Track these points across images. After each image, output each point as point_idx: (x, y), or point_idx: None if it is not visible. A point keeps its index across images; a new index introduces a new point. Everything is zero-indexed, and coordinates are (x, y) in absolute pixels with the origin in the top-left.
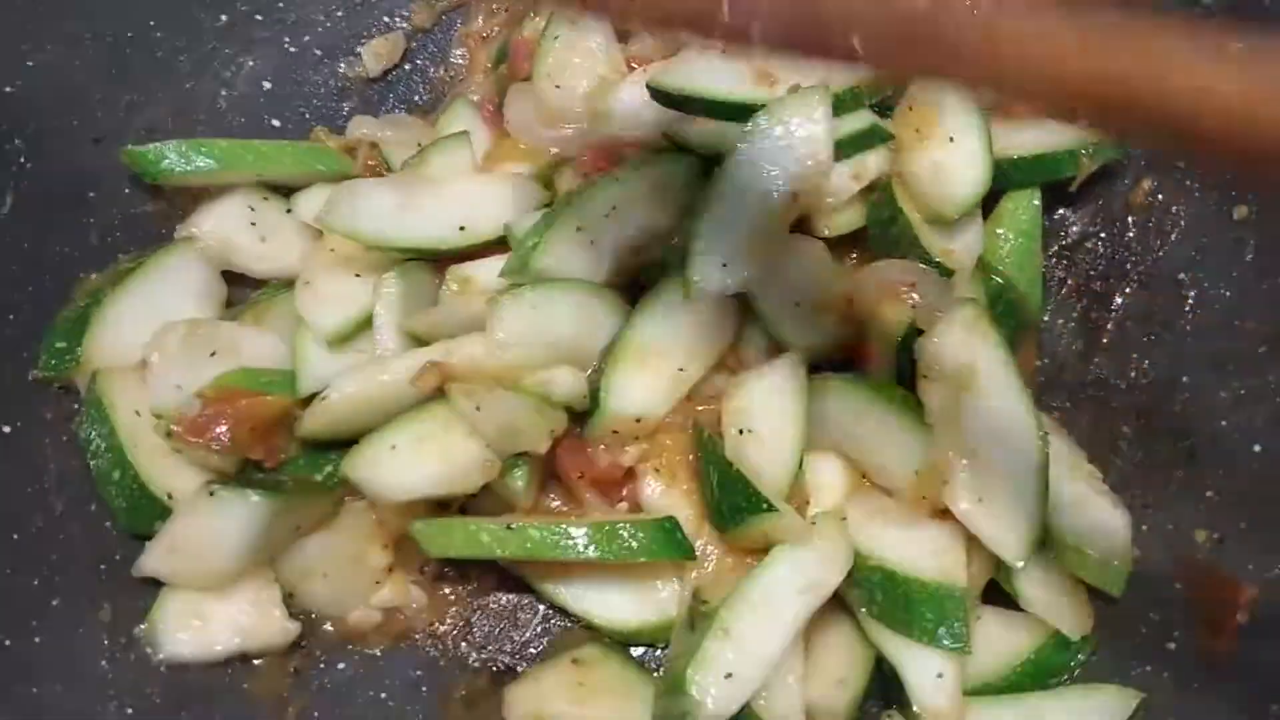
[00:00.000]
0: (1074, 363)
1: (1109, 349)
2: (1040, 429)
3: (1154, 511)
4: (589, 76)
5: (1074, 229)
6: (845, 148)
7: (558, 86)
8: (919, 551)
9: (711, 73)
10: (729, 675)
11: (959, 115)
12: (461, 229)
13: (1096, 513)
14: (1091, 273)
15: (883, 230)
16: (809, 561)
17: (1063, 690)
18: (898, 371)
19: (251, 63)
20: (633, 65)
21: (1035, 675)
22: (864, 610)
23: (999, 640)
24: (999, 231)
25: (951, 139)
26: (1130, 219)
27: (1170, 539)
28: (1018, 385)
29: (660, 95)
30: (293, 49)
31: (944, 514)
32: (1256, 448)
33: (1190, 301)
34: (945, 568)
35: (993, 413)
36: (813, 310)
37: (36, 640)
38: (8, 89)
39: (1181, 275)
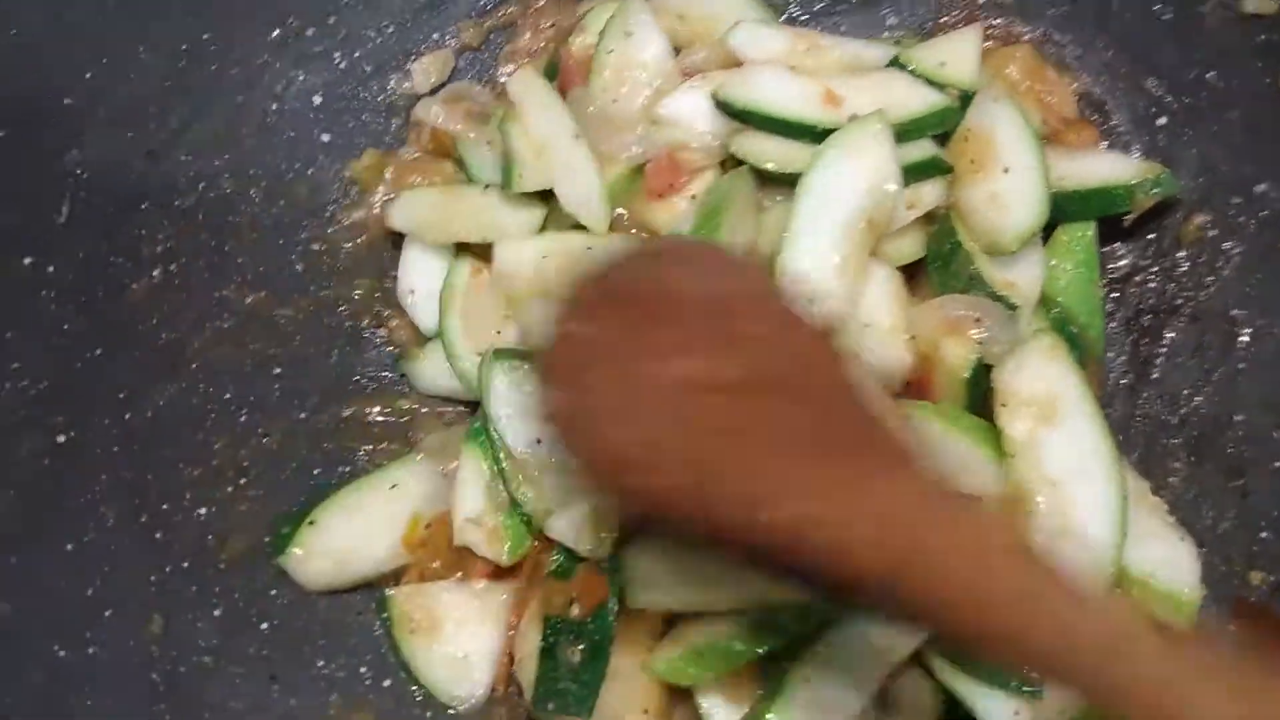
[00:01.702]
0: (1123, 397)
1: (1159, 384)
2: (1119, 460)
3: (1207, 552)
4: (646, 89)
5: (1124, 262)
6: (904, 176)
7: (614, 100)
8: None
9: (780, 89)
10: None
11: (1017, 145)
12: None
13: (1164, 544)
14: (1141, 307)
15: (944, 263)
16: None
17: None
18: (967, 403)
19: (302, 77)
20: (686, 75)
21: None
22: (935, 652)
23: None
24: (1055, 263)
25: (1007, 170)
26: (1180, 254)
27: (1224, 579)
28: (1098, 415)
29: (725, 107)
30: (343, 65)
31: None
32: None
33: (1243, 339)
34: None
35: (1074, 443)
36: (885, 336)
37: (90, 651)
38: (67, 100)
39: (1234, 312)
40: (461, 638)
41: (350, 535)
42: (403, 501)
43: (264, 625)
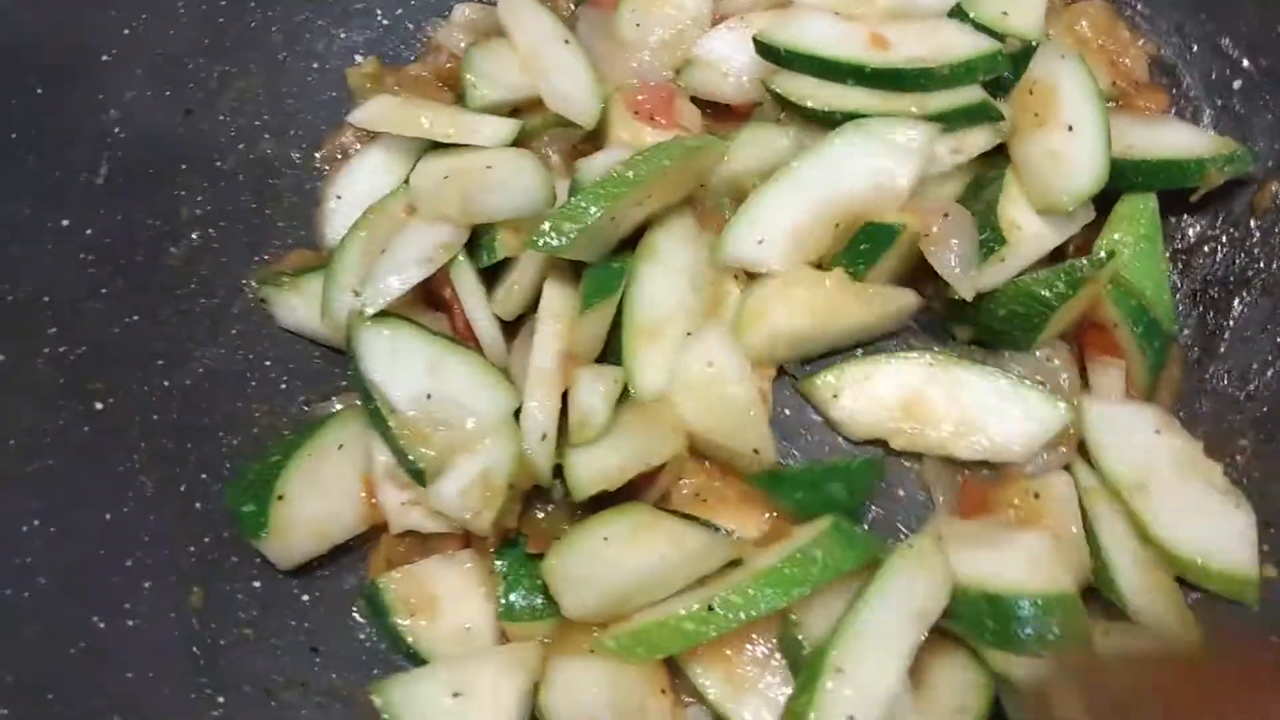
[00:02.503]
0: (1190, 371)
1: (1227, 358)
2: None
3: (1275, 531)
4: (672, 25)
5: (1191, 231)
6: (950, 120)
7: (637, 24)
8: (1016, 566)
9: (824, 31)
10: (850, 718)
11: (1081, 104)
12: None
13: (1216, 515)
14: (1210, 278)
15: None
16: (914, 588)
17: None
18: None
19: (344, 35)
20: (721, 19)
21: None
22: (980, 640)
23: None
24: (1118, 236)
25: (1071, 128)
26: (1254, 223)
27: None
28: None
29: (765, 49)
30: (385, 21)
31: (1027, 521)
32: None
33: None
34: (1048, 576)
35: None
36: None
37: (129, 624)
38: (104, 58)
39: None
40: (462, 609)
41: (319, 504)
42: (354, 462)
43: (305, 597)
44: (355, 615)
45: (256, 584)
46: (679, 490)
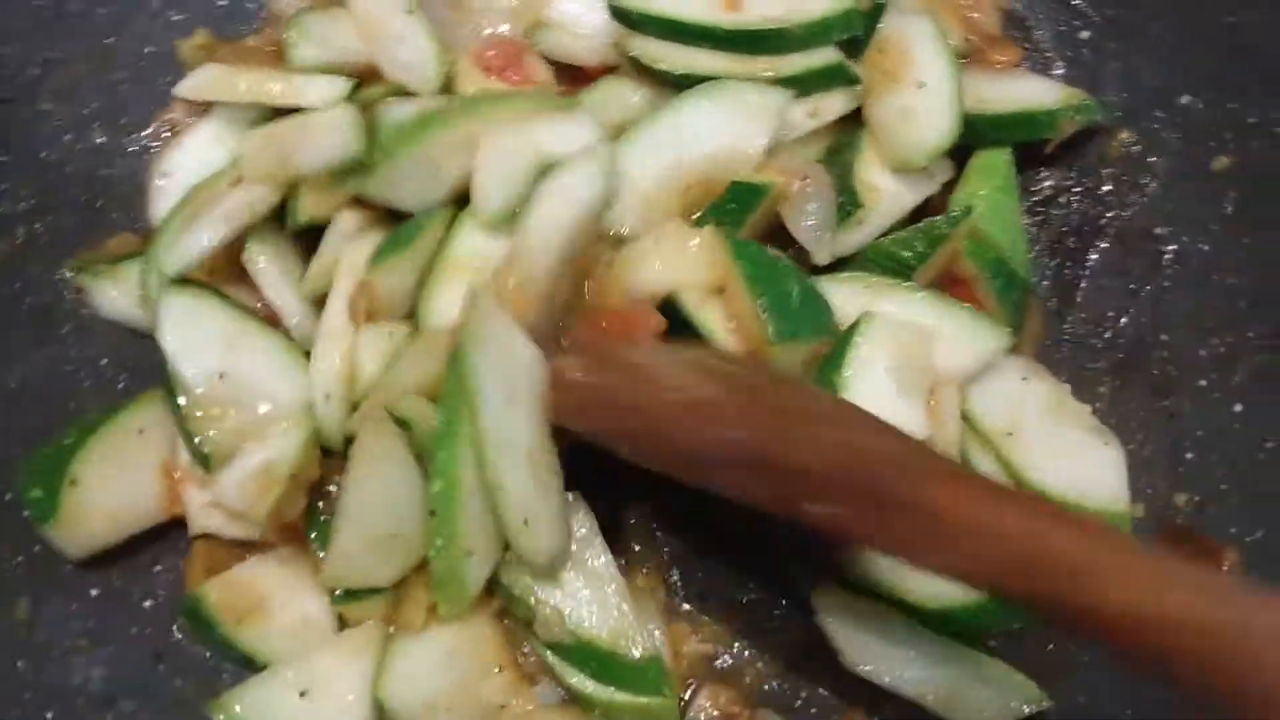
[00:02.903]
0: (1049, 321)
1: (1084, 306)
2: None
3: (1132, 474)
4: None
5: (1047, 184)
6: (804, 85)
7: None
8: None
9: None
10: None
11: (932, 61)
12: None
13: (1087, 459)
14: (1065, 229)
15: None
16: None
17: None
18: None
19: (176, 17)
20: None
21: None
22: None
23: None
24: (974, 191)
25: (922, 85)
26: (1105, 171)
27: (1149, 502)
28: None
29: (618, 11)
30: (223, 2)
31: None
32: (1237, 407)
33: (1168, 257)
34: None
35: None
36: None
37: None
38: None
39: (1158, 230)
40: (294, 604)
41: (115, 491)
42: (155, 448)
43: (147, 602)
44: None
45: (93, 591)
46: None
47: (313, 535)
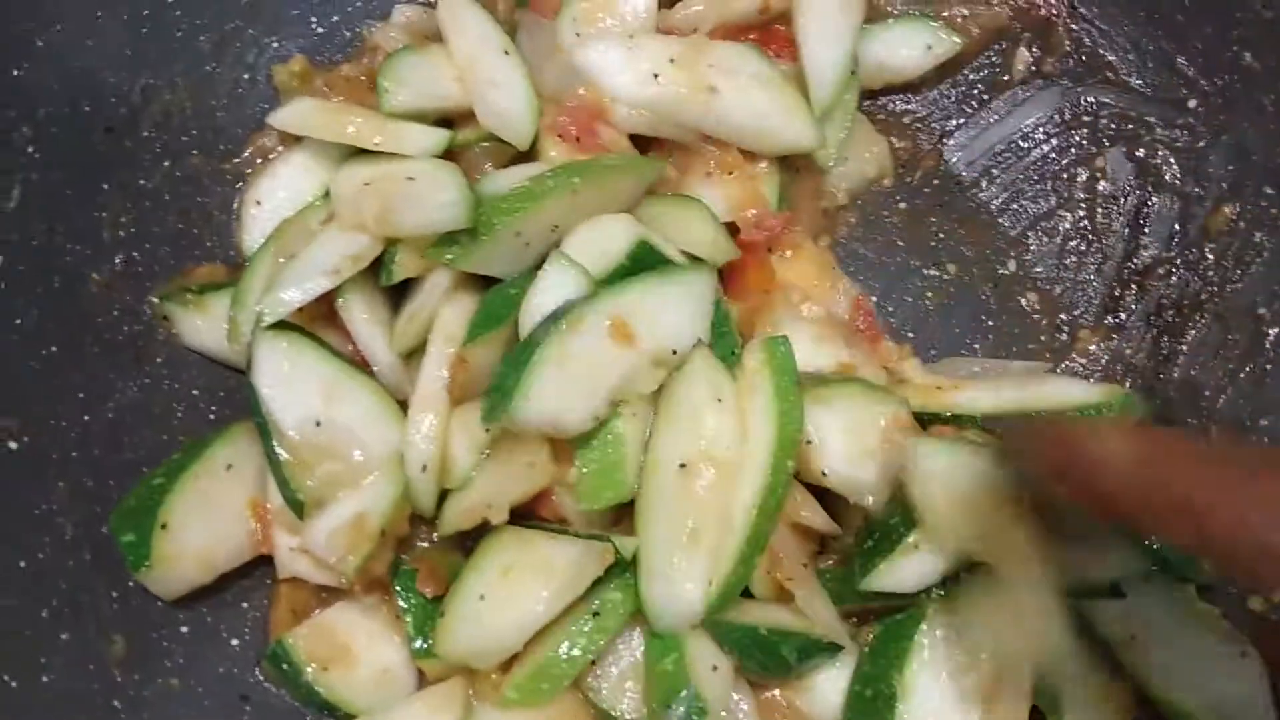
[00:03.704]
0: (1143, 395)
1: (1181, 384)
2: None
3: None
4: (613, 36)
5: (1147, 254)
6: None
7: (578, 34)
8: None
9: None
10: None
11: None
12: None
13: (1222, 674)
14: (1164, 301)
15: None
16: None
17: None
18: None
19: (276, 43)
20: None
21: None
22: None
23: None
24: None
25: None
26: (1208, 246)
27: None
28: None
29: None
30: (320, 28)
31: None
32: None
33: (1271, 338)
34: None
35: None
36: None
37: (44, 680)
38: (15, 72)
39: (1262, 310)
40: (376, 652)
41: (206, 532)
42: (243, 484)
43: (234, 641)
44: None
45: (184, 629)
46: None
47: (397, 587)
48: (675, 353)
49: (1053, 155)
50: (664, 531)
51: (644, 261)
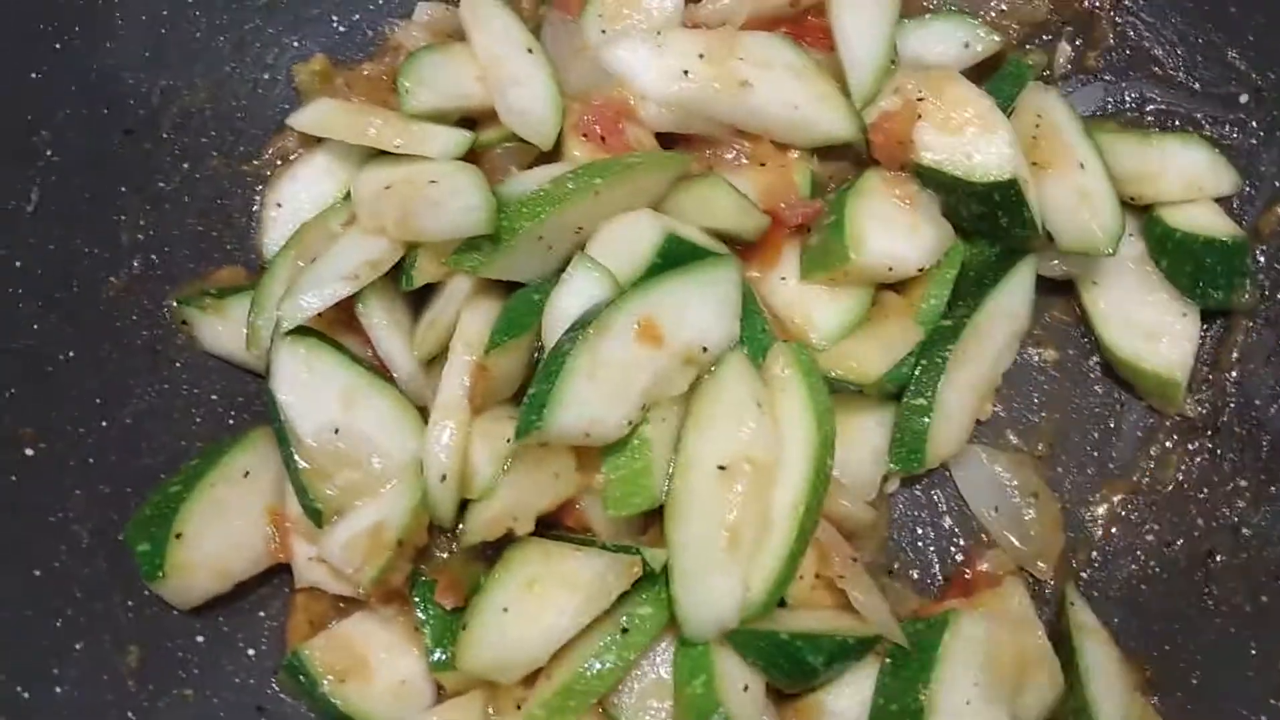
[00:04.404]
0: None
1: (1234, 393)
2: None
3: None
4: (640, 33)
5: None
6: None
7: (603, 31)
8: None
9: None
10: None
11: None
12: None
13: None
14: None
15: None
16: None
17: None
18: None
19: (296, 42)
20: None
21: None
22: None
23: None
24: None
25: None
26: (1259, 249)
27: None
28: None
29: None
30: (342, 27)
31: None
32: None
33: None
34: None
35: None
36: None
37: (57, 690)
38: (33, 75)
39: None
40: (394, 664)
41: (222, 541)
42: (260, 491)
43: (250, 651)
44: None
45: (200, 639)
46: None
47: (416, 598)
48: (705, 350)
49: None
50: (700, 534)
51: (675, 255)
